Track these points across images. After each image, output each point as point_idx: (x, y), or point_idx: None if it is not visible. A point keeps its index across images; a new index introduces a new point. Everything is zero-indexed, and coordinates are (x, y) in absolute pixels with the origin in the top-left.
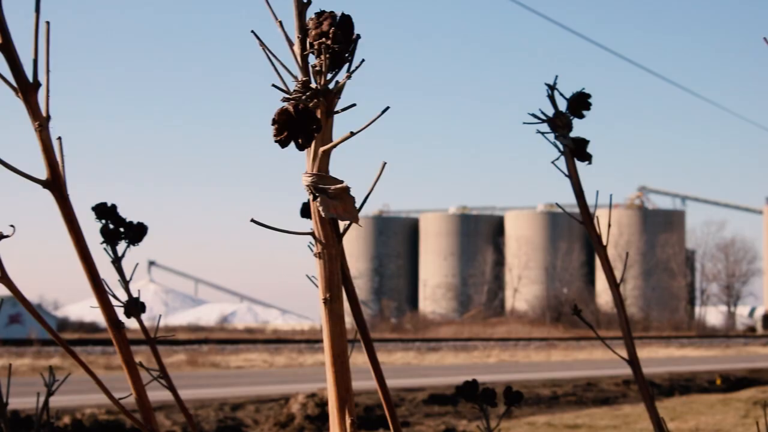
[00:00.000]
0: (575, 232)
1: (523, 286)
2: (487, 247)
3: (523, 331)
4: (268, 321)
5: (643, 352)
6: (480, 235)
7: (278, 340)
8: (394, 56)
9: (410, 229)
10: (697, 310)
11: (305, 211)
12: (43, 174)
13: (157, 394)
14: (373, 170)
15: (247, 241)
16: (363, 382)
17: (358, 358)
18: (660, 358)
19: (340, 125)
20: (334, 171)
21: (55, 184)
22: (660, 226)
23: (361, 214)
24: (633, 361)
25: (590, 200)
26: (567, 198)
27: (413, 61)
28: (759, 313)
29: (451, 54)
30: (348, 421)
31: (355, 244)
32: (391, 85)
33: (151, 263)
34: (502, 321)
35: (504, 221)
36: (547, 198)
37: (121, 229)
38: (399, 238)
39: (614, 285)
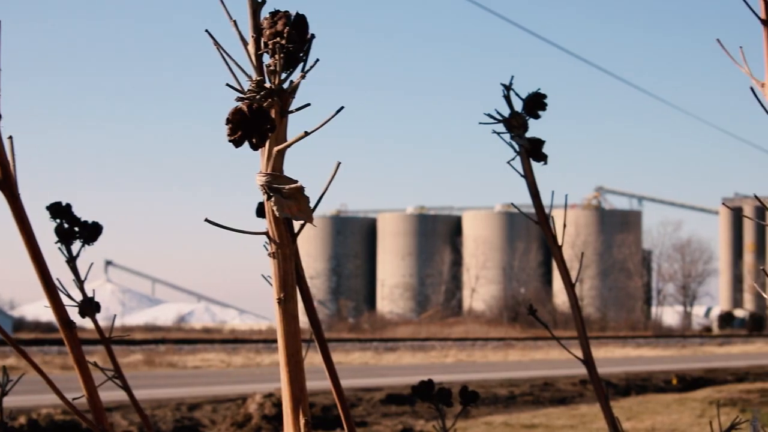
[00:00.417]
0: (533, 232)
1: (481, 286)
2: (445, 247)
3: (480, 331)
4: (226, 321)
5: (600, 352)
6: (438, 235)
7: (236, 340)
8: (350, 56)
9: (368, 229)
10: (654, 310)
11: (261, 211)
12: None
13: (115, 394)
14: (330, 170)
15: (205, 240)
16: (321, 381)
17: (317, 358)
18: (616, 357)
19: (295, 125)
20: (290, 171)
21: (6, 183)
22: (617, 226)
23: (319, 214)
24: (588, 361)
25: (547, 200)
26: (524, 198)
27: (370, 61)
28: (715, 313)
29: (409, 53)
30: (302, 420)
31: (312, 244)
32: (347, 84)
33: (108, 263)
34: (460, 321)
35: (462, 221)
36: (504, 198)
37: (76, 229)
38: (357, 238)
39: (569, 285)
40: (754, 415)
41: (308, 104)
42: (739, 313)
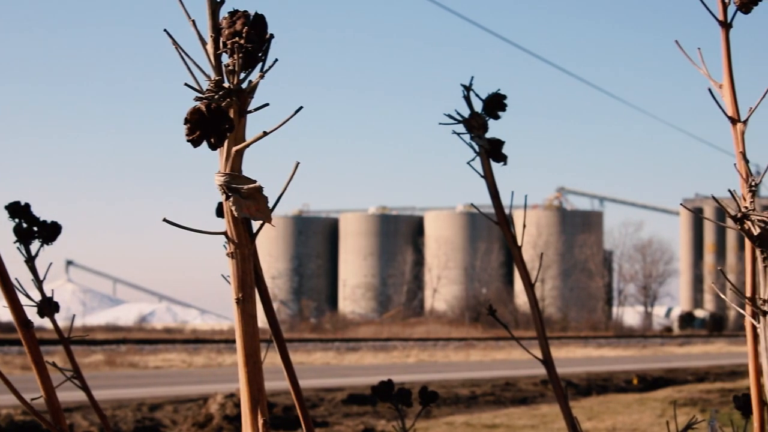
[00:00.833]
0: (494, 233)
1: (443, 287)
2: (407, 248)
3: (442, 331)
4: (187, 321)
5: (561, 352)
6: (399, 236)
7: (197, 340)
8: (311, 56)
9: (330, 229)
10: (615, 310)
11: (220, 211)
12: None
13: (76, 394)
14: (290, 171)
15: (166, 241)
16: (283, 382)
17: (278, 358)
18: (578, 358)
19: (255, 125)
20: (251, 171)
21: None
22: (578, 226)
23: (280, 214)
24: (547, 361)
25: (509, 201)
26: (486, 198)
27: (331, 61)
28: (675, 313)
29: (371, 53)
30: (260, 421)
31: (274, 244)
32: (308, 85)
33: (69, 263)
34: (422, 321)
35: (423, 221)
36: (466, 198)
37: (35, 228)
38: (318, 238)
39: (529, 285)
40: (712, 416)
41: (267, 104)
42: (699, 313)
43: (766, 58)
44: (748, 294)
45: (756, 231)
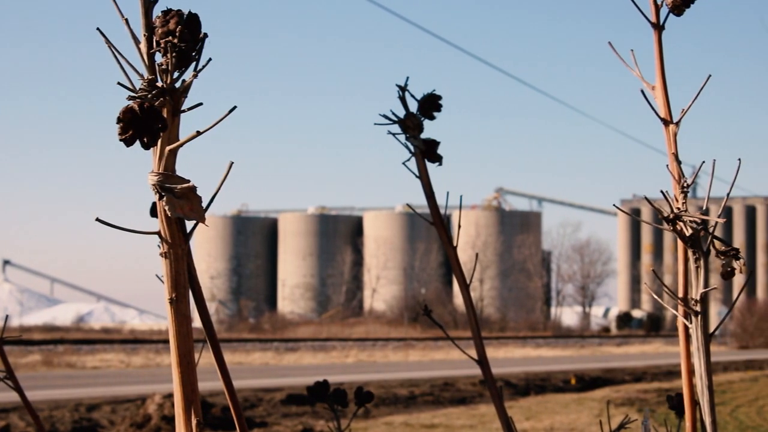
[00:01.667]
0: (433, 233)
1: (382, 287)
2: (346, 248)
3: (381, 331)
4: (126, 321)
5: (500, 352)
6: (339, 236)
7: (135, 340)
8: (247, 56)
9: (269, 229)
10: (553, 310)
11: (154, 211)
12: None
13: (14, 395)
14: (232, 169)
15: (104, 240)
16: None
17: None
18: (516, 358)
19: (190, 124)
20: (194, 171)
21: None
22: (517, 227)
23: (219, 214)
24: (482, 362)
25: (449, 201)
26: (424, 199)
27: (268, 60)
28: (613, 313)
29: (309, 53)
30: (194, 421)
31: (213, 244)
32: (245, 84)
33: (6, 262)
34: (361, 321)
35: (363, 222)
36: (406, 199)
37: None
38: (258, 238)
39: (464, 286)
40: (645, 415)
41: (200, 103)
42: (636, 313)
43: (698, 60)
44: (681, 294)
45: (688, 232)
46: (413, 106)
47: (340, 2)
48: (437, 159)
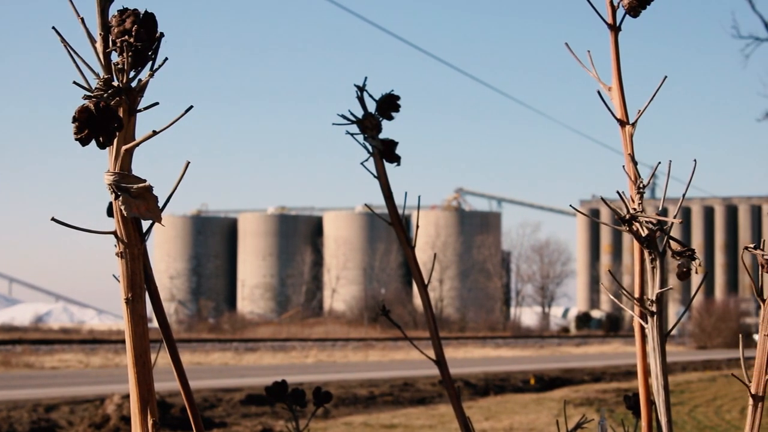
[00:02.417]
0: (393, 233)
1: (342, 287)
2: (306, 248)
3: (341, 331)
4: (84, 321)
5: (460, 353)
6: (298, 236)
7: (94, 341)
8: (205, 55)
9: (229, 229)
10: (513, 310)
11: (111, 210)
12: None
13: None
14: (189, 170)
15: (63, 240)
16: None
17: (182, 358)
18: (476, 358)
19: (147, 124)
20: (154, 171)
21: None
22: (476, 227)
23: (179, 214)
24: (440, 362)
25: (409, 201)
26: (383, 199)
27: (227, 60)
28: (572, 314)
29: (267, 53)
30: (150, 422)
31: (173, 244)
32: (204, 84)
33: None
34: (321, 321)
35: (323, 222)
36: (366, 199)
37: None
38: (217, 237)
39: (422, 286)
40: (602, 415)
41: (157, 103)
42: (596, 313)
43: (655, 61)
44: (637, 295)
45: (644, 232)
46: (372, 107)
47: (299, 1)
48: (395, 159)
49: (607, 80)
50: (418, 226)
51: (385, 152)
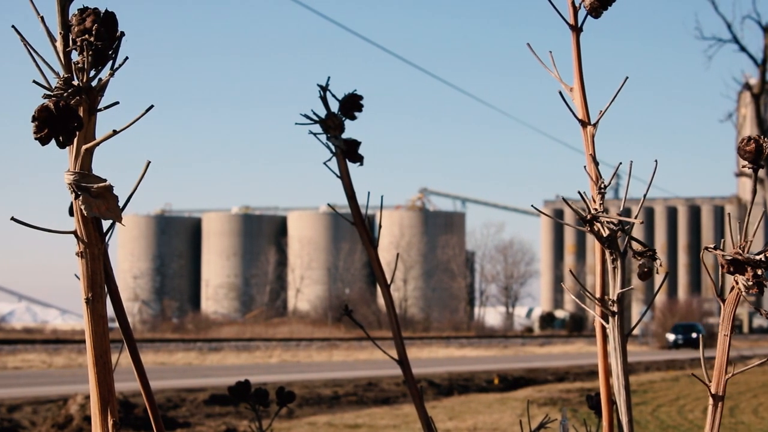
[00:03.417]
0: (357, 233)
1: (306, 287)
2: (270, 248)
3: (305, 331)
4: (48, 321)
5: (424, 353)
6: (263, 236)
7: (57, 341)
8: (168, 54)
9: (193, 229)
10: (477, 310)
11: (73, 210)
12: None
13: None
14: (153, 170)
15: (26, 239)
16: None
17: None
18: (440, 358)
19: (109, 123)
20: (117, 170)
21: None
22: (441, 227)
23: (143, 214)
24: (403, 361)
25: (372, 201)
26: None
27: (189, 59)
28: (536, 313)
29: (230, 52)
30: (110, 422)
31: (136, 244)
32: (166, 83)
33: None
34: (285, 321)
35: (287, 222)
36: (330, 199)
37: None
38: (181, 237)
39: (385, 286)
40: (564, 415)
41: (117, 102)
42: (559, 313)
43: (618, 62)
44: (598, 295)
45: (605, 233)
46: (335, 107)
47: (263, 1)
48: (358, 159)
49: (569, 81)
50: (380, 226)
51: (347, 152)
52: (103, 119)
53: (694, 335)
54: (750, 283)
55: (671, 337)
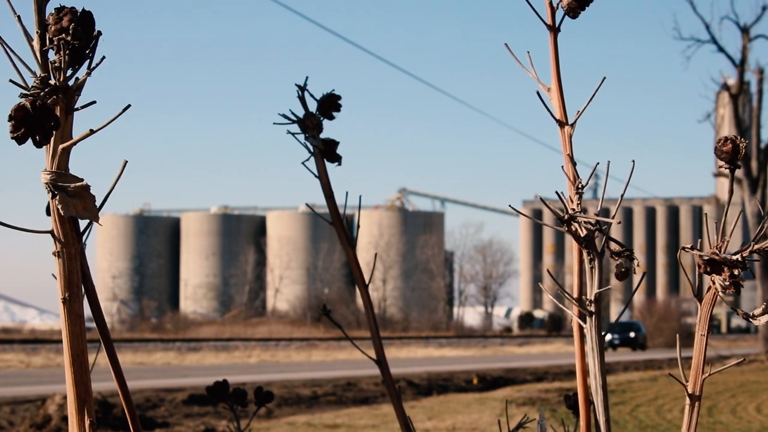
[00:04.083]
0: (336, 233)
1: (285, 287)
2: (249, 247)
3: (284, 331)
4: (26, 320)
5: (403, 352)
6: (242, 235)
7: (36, 340)
8: (146, 54)
9: (171, 229)
10: (456, 310)
11: (50, 210)
12: None
13: None
14: (132, 169)
15: (1, 239)
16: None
17: (123, 358)
18: (419, 358)
19: (86, 122)
20: (95, 170)
21: None
22: (420, 227)
23: (121, 213)
24: (381, 361)
25: (350, 201)
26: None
27: (168, 58)
28: (515, 313)
29: (209, 51)
30: (87, 422)
31: (115, 243)
32: (145, 83)
33: None
34: (264, 321)
35: (266, 221)
36: (309, 198)
37: None
38: (160, 237)
39: (363, 286)
40: (541, 415)
41: (94, 102)
42: (538, 313)
43: (596, 62)
44: (576, 295)
45: (583, 232)
46: (313, 106)
47: (241, 0)
48: (336, 159)
49: (547, 81)
50: (359, 226)
51: (325, 152)
52: (81, 119)
53: (632, 335)
54: (727, 283)
55: (606, 336)
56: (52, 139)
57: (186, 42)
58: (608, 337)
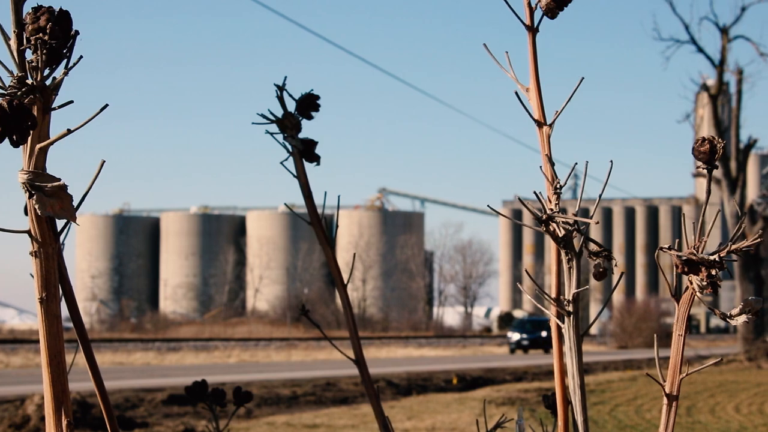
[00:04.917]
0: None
1: (265, 287)
2: (229, 247)
3: (264, 331)
4: (5, 320)
5: (382, 352)
6: (221, 235)
7: (14, 340)
8: (126, 53)
9: (151, 229)
10: (435, 310)
11: (27, 209)
12: None
13: None
14: (112, 169)
15: None
16: (106, 382)
17: (103, 358)
18: (398, 357)
19: (64, 122)
20: (73, 170)
21: None
22: (399, 227)
23: (101, 213)
24: (359, 361)
25: (330, 201)
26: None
27: (148, 58)
28: (495, 313)
29: (188, 51)
30: (64, 422)
31: (95, 243)
32: (124, 82)
33: None
34: (243, 321)
35: (246, 221)
36: (289, 198)
37: None
38: (140, 237)
39: (342, 286)
40: (519, 414)
41: (71, 101)
42: (518, 313)
43: (575, 62)
44: (554, 295)
45: (561, 233)
46: (292, 106)
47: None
48: (315, 159)
49: (525, 81)
50: (337, 226)
51: (304, 152)
52: (58, 118)
53: (544, 334)
54: (704, 283)
55: (514, 336)
56: (30, 138)
57: (165, 42)
58: (515, 336)
